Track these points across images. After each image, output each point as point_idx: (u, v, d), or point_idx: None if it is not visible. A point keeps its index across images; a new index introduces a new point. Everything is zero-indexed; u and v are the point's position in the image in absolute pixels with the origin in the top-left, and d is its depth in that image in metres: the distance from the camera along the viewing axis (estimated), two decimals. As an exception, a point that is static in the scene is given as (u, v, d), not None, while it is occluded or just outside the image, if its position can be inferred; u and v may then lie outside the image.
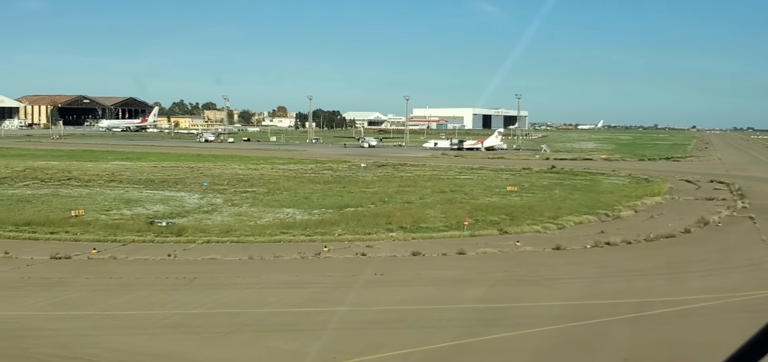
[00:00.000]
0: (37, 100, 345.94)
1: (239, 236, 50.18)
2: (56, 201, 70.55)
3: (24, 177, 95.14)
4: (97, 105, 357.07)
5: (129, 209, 66.04)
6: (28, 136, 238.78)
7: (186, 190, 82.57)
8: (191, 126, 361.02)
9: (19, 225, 54.55)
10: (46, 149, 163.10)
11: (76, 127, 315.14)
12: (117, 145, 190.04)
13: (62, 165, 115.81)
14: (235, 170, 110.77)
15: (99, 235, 50.31)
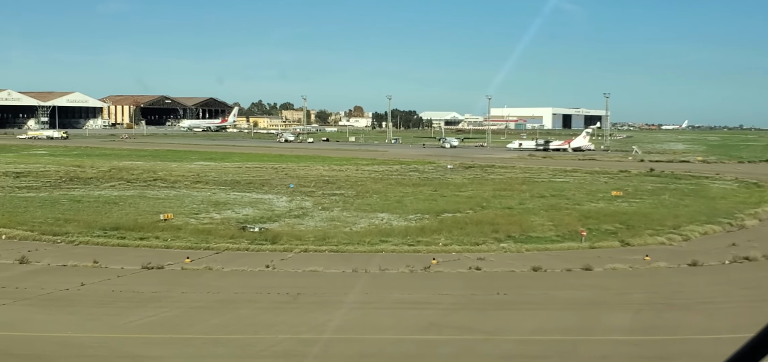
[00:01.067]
0: (121, 100, 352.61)
1: (337, 245, 46.69)
2: (143, 204, 68.59)
3: (110, 177, 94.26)
4: (178, 105, 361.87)
5: (218, 212, 63.46)
6: (112, 135, 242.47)
7: (273, 192, 79.90)
8: (270, 126, 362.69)
9: (107, 229, 52.39)
10: (130, 149, 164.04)
11: (158, 127, 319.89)
12: (199, 144, 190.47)
13: (147, 165, 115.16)
14: (319, 171, 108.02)
15: (190, 242, 47.58)
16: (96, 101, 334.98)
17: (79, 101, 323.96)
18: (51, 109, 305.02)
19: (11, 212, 61.49)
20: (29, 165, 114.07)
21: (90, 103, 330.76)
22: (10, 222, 53.67)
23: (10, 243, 46.68)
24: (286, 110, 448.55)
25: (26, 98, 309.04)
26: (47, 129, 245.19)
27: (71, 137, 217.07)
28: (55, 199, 71.00)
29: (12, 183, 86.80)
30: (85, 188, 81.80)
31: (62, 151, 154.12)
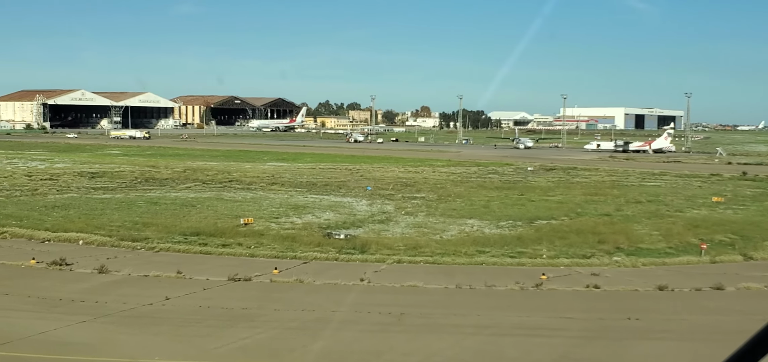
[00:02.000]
0: (191, 101, 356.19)
1: (432, 255, 43.12)
2: (221, 207, 66.30)
3: (185, 178, 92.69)
4: (247, 105, 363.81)
5: (298, 217, 60.67)
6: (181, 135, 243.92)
7: (351, 195, 76.89)
8: (337, 126, 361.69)
9: (187, 234, 49.95)
10: (203, 149, 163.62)
11: (228, 127, 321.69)
12: (269, 145, 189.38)
13: (221, 166, 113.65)
14: (395, 173, 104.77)
15: (275, 249, 44.69)
16: (167, 101, 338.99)
17: (151, 101, 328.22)
18: (123, 109, 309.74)
19: (88, 215, 59.81)
20: (104, 165, 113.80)
21: (161, 103, 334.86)
22: (87, 226, 51.70)
23: (88, 249, 44.52)
24: (352, 110, 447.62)
25: (99, 98, 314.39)
26: (130, 129, 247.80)
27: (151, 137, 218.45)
28: (131, 201, 69.31)
29: (87, 183, 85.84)
30: (161, 189, 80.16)
31: (136, 151, 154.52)
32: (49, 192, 76.16)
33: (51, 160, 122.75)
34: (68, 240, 46.79)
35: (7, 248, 44.27)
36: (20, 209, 62.72)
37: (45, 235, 47.80)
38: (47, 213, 60.71)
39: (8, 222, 53.81)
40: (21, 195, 73.12)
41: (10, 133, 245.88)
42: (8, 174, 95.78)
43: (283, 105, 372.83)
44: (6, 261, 39.95)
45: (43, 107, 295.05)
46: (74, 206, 65.44)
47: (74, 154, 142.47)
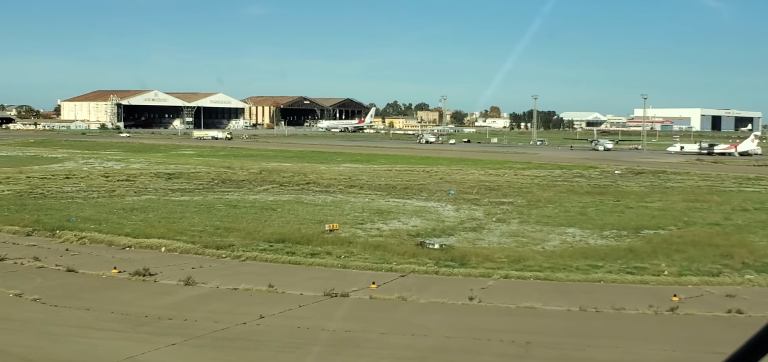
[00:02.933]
0: (261, 101, 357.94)
1: (541, 270, 39.21)
2: (302, 211, 63.54)
3: (261, 180, 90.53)
4: (315, 106, 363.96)
5: (384, 222, 57.42)
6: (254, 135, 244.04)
7: (434, 199, 73.36)
8: (405, 126, 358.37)
9: (272, 241, 47.13)
10: (276, 150, 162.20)
11: (297, 127, 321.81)
12: (341, 145, 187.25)
13: (296, 167, 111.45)
14: (475, 175, 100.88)
15: (367, 260, 41.46)
16: (238, 102, 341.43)
17: (222, 102, 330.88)
18: (195, 110, 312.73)
19: (168, 218, 57.73)
20: (179, 165, 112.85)
21: (232, 104, 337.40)
22: (169, 232, 49.36)
23: (171, 257, 42.02)
24: (421, 110, 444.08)
25: (172, 99, 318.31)
26: (212, 129, 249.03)
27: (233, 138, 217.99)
28: (210, 204, 67.14)
29: (165, 185, 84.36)
30: (239, 192, 77.99)
31: (209, 152, 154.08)
32: (127, 194, 74.73)
33: (126, 161, 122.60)
34: (150, 247, 44.45)
35: (87, 255, 42.10)
36: (98, 212, 61.07)
37: (125, 241, 45.59)
38: (126, 216, 58.87)
39: (87, 226, 51.97)
40: (98, 197, 71.80)
41: (86, 133, 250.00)
42: (85, 174, 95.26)
43: (351, 105, 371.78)
44: (86, 270, 37.65)
45: (117, 107, 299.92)
46: (153, 209, 63.58)
47: (149, 154, 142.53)
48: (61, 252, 42.62)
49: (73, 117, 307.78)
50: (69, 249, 43.71)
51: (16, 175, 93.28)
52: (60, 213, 60.00)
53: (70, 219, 55.68)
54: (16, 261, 39.64)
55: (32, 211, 60.43)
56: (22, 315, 28.98)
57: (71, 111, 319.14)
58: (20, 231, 49.40)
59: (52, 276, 36.28)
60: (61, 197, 71.44)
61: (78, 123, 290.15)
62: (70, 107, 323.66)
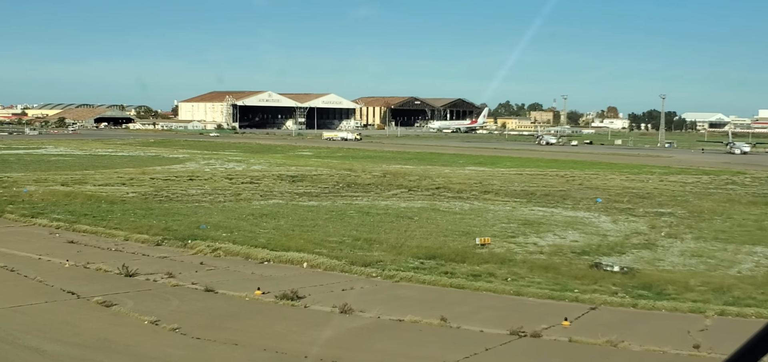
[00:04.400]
0: (372, 102, 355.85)
1: (760, 303, 32.22)
2: (441, 220, 58.13)
3: (387, 184, 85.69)
4: (426, 106, 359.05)
5: (538, 236, 51.26)
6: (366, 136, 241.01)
7: (582, 209, 66.58)
8: (519, 127, 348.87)
9: (421, 257, 41.86)
10: (395, 151, 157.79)
11: (407, 128, 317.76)
12: (458, 147, 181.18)
13: (419, 169, 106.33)
14: (615, 181, 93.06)
15: (540, 285, 35.48)
16: (349, 103, 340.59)
17: (334, 103, 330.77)
18: (307, 110, 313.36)
19: (301, 227, 53.39)
20: (300, 167, 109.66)
21: (344, 105, 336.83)
22: (307, 244, 44.79)
23: (316, 275, 37.27)
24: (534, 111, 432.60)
25: (285, 99, 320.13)
26: (342, 131, 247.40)
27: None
28: (341, 211, 62.60)
29: (290, 188, 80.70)
30: (367, 197, 73.37)
31: (326, 152, 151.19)
32: (253, 198, 71.28)
33: (247, 162, 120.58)
34: (290, 261, 39.89)
35: (224, 271, 37.88)
36: (227, 218, 57.44)
37: (263, 254, 41.21)
38: (257, 223, 54.94)
39: (219, 235, 48.12)
40: (225, 201, 68.53)
41: (202, 133, 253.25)
42: (208, 176, 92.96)
43: (462, 106, 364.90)
44: (227, 289, 33.28)
45: (232, 108, 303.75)
46: (283, 215, 59.53)
47: (267, 155, 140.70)
48: (195, 267, 38.60)
49: (190, 117, 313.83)
50: (204, 262, 39.67)
51: (139, 176, 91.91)
52: (188, 219, 56.69)
53: (200, 227, 52.13)
54: (148, 277, 35.78)
55: (159, 216, 57.41)
56: (162, 353, 24.64)
57: (188, 111, 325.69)
58: (150, 240, 45.94)
59: (189, 298, 32.06)
60: (186, 200, 68.59)
61: (195, 123, 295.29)
62: (187, 107, 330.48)
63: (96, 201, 65.76)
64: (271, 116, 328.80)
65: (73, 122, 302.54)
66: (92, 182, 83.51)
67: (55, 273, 36.76)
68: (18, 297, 31.87)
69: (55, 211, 59.15)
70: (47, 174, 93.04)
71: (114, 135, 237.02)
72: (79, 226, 50.84)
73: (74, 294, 32.19)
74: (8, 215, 56.64)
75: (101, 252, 42.90)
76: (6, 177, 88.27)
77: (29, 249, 42.65)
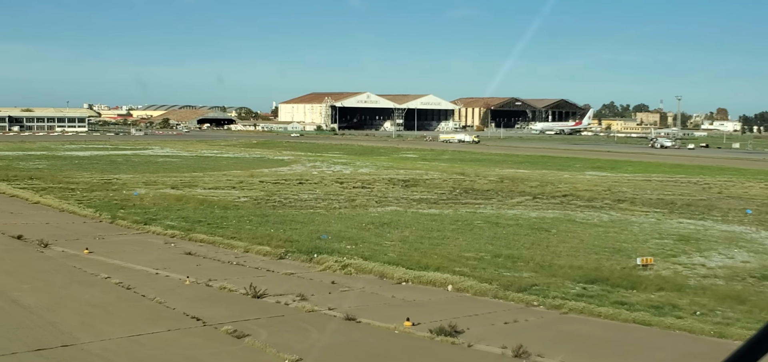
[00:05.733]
0: (471, 103, 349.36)
1: None
2: (583, 233, 52.32)
3: (508, 190, 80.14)
4: (527, 107, 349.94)
5: (700, 254, 44.90)
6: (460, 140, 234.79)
7: (735, 222, 59.65)
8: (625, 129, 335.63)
9: (579, 280, 36.34)
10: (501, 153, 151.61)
11: (508, 129, 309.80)
12: (568, 149, 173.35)
13: (535, 174, 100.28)
14: (758, 189, 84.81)
15: (737, 322, 29.49)
16: (448, 104, 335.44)
17: (432, 104, 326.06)
18: (405, 111, 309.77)
19: (428, 238, 48.69)
20: (408, 170, 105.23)
21: (442, 106, 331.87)
22: (443, 261, 39.97)
23: (465, 301, 32.35)
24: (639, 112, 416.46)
25: (383, 100, 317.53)
26: (460, 132, 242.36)
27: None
28: (467, 221, 57.54)
29: (403, 193, 76.18)
30: (489, 204, 68.13)
31: (431, 155, 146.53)
32: (369, 204, 67.09)
33: (353, 164, 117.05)
34: (431, 282, 35.10)
35: (360, 293, 33.39)
36: (347, 227, 53.29)
37: (399, 273, 36.55)
38: (380, 233, 50.53)
39: (343, 247, 43.94)
40: (340, 208, 64.54)
41: (303, 135, 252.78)
42: (318, 180, 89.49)
43: (565, 107, 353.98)
44: (370, 318, 28.69)
45: (330, 109, 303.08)
46: (405, 224, 54.93)
47: (371, 157, 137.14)
48: (327, 287, 34.29)
49: (290, 118, 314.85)
50: (335, 282, 35.31)
51: (248, 179, 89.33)
52: (306, 227, 52.79)
53: (321, 237, 48.08)
54: (278, 299, 31.61)
55: (276, 225, 53.72)
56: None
57: (288, 113, 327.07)
58: (272, 253, 42.01)
59: (329, 328, 27.65)
60: (300, 206, 64.95)
61: (294, 124, 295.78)
62: (286, 109, 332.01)
63: (208, 207, 62.85)
64: (369, 117, 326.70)
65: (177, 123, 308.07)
66: (202, 185, 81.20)
67: (176, 292, 33.10)
68: (137, 322, 28.20)
69: (167, 217, 56.38)
70: (156, 176, 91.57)
71: (217, 136, 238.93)
72: (195, 235, 47.54)
73: (200, 321, 28.28)
74: (120, 221, 54.02)
75: (222, 266, 39.24)
76: (115, 179, 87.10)
77: (145, 262, 39.35)
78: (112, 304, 31.04)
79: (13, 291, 32.92)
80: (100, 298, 31.93)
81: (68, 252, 42.14)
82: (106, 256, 40.95)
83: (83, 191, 73.60)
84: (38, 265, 38.86)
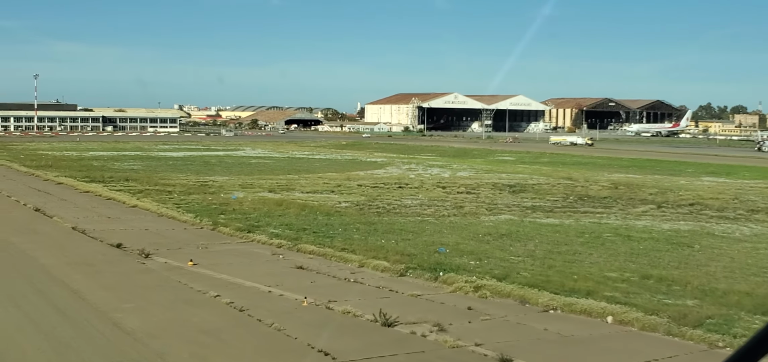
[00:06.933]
0: (562, 104, 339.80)
1: None
2: (731, 250, 46.25)
3: (626, 197, 74.19)
4: (621, 108, 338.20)
5: None
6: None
7: None
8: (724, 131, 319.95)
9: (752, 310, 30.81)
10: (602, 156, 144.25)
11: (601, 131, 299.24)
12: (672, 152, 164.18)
13: (648, 179, 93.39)
14: None
15: None
16: (538, 104, 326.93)
17: (522, 104, 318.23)
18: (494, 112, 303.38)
19: (560, 255, 43.47)
20: (510, 174, 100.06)
21: (532, 107, 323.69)
22: (589, 284, 34.98)
23: (631, 337, 27.27)
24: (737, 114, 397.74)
25: (471, 101, 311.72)
26: (572, 135, 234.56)
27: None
28: (594, 233, 52.12)
29: (513, 200, 71.10)
30: (611, 213, 62.45)
31: (529, 157, 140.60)
32: (479, 212, 62.36)
33: (449, 167, 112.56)
34: (585, 311, 30.09)
35: (503, 323, 28.77)
36: (463, 238, 48.71)
37: (544, 298, 31.68)
38: (503, 247, 45.66)
39: (468, 264, 39.39)
40: (448, 215, 60.05)
41: (390, 135, 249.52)
42: (417, 184, 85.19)
43: (661, 108, 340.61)
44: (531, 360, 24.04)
45: (417, 110, 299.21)
46: (526, 236, 49.95)
47: (466, 159, 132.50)
48: (464, 314, 29.76)
49: (376, 119, 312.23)
50: (472, 307, 30.74)
51: (345, 182, 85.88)
52: (418, 238, 48.50)
53: (439, 250, 43.70)
54: (412, 328, 27.30)
55: (385, 234, 49.63)
56: None
57: (374, 113, 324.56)
58: (390, 269, 37.69)
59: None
60: (406, 213, 60.77)
61: (381, 125, 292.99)
62: (373, 110, 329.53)
63: (310, 212, 59.32)
64: (456, 118, 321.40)
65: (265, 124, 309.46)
66: (299, 189, 78.02)
67: (293, 315, 29.19)
68: (256, 356, 24.42)
69: (270, 224, 52.98)
70: (251, 178, 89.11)
71: (305, 137, 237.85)
72: (303, 246, 43.74)
73: (328, 356, 24.19)
74: (222, 228, 50.78)
75: (338, 283, 35.25)
76: (211, 181, 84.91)
77: (255, 277, 35.67)
78: (225, 331, 27.32)
79: (115, 312, 29.62)
80: (212, 322, 28.27)
81: (171, 264, 38.91)
82: (211, 269, 37.52)
83: (180, 194, 71.30)
84: (140, 280, 35.66)
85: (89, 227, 50.38)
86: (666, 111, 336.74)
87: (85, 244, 45.07)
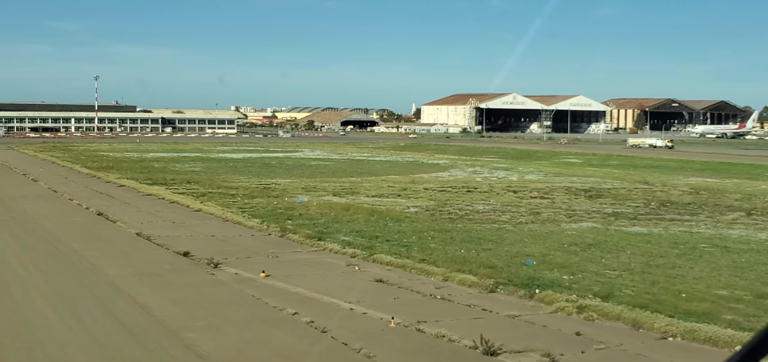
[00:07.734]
0: (624, 104, 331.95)
1: None
2: None
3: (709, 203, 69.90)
4: (684, 108, 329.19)
5: None
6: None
7: None
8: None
9: None
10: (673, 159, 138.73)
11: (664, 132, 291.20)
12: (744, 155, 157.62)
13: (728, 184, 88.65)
14: None
15: None
16: (598, 105, 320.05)
17: (582, 105, 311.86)
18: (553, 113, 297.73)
19: (658, 269, 39.80)
20: (581, 177, 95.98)
21: (593, 107, 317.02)
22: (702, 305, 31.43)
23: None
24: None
25: (530, 102, 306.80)
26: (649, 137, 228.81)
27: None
28: (687, 243, 48.15)
29: (591, 205, 67.31)
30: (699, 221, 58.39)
31: (597, 160, 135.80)
32: (557, 219, 58.85)
33: (515, 169, 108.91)
34: (709, 340, 26.60)
35: (621, 353, 25.43)
36: (548, 248, 45.28)
37: (660, 324, 28.18)
38: (593, 259, 42.10)
39: (560, 278, 36.19)
40: (526, 222, 56.65)
41: (449, 136, 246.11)
42: (486, 188, 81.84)
43: (725, 108, 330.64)
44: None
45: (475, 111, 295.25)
46: (616, 247, 46.21)
47: (531, 161, 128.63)
48: (574, 341, 26.45)
49: (433, 120, 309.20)
50: (580, 332, 27.43)
51: (410, 185, 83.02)
52: (500, 248, 45.26)
53: (526, 262, 40.42)
54: (518, 359, 24.21)
55: (463, 243, 46.48)
56: None
57: (431, 114, 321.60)
58: (478, 284, 34.57)
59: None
60: (480, 220, 57.56)
61: (437, 126, 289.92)
62: (430, 111, 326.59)
63: (380, 218, 56.53)
64: (514, 119, 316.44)
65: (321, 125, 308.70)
66: (364, 192, 75.40)
67: (382, 339, 26.32)
68: (348, 392, 21.51)
69: (340, 231, 50.36)
70: (313, 181, 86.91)
71: (362, 138, 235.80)
72: (380, 256, 40.83)
73: (430, 392, 21.21)
74: (291, 235, 48.24)
75: (424, 300, 32.28)
76: (273, 184, 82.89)
77: (333, 292, 32.88)
78: (308, 356, 24.59)
79: (187, 331, 27.12)
80: (293, 346, 25.58)
81: (242, 275, 36.40)
82: (285, 282, 34.90)
83: (244, 197, 69.27)
84: (211, 293, 33.20)
85: (154, 233, 48.36)
86: (730, 111, 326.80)
87: (150, 252, 42.93)
